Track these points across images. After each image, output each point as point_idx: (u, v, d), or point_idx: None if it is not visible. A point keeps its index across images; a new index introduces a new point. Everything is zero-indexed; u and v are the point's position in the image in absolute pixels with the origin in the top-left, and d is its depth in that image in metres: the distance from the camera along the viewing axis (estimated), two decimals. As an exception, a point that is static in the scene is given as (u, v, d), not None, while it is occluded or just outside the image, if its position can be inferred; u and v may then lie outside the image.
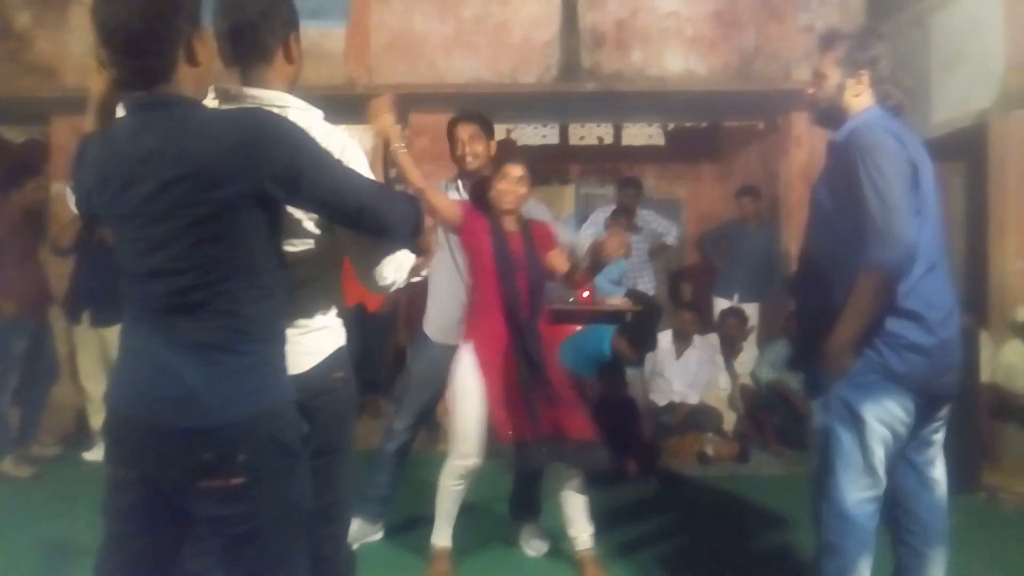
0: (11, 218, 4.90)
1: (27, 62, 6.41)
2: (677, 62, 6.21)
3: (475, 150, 3.56)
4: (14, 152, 6.69)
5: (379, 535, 3.74)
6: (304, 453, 1.68)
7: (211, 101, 1.81)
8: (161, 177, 1.53)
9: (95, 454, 4.90)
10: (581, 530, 3.31)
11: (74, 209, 1.82)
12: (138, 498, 1.61)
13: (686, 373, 5.62)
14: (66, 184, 1.87)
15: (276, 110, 1.71)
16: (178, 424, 1.54)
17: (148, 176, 1.54)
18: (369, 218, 1.69)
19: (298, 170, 1.58)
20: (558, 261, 3.34)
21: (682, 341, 5.66)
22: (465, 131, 3.60)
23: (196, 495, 1.57)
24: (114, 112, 1.77)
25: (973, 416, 5.01)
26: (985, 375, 5.41)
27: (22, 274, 4.80)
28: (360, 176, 1.72)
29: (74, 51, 6.37)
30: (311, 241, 1.77)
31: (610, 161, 8.05)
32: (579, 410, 3.28)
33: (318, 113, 1.81)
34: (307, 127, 1.70)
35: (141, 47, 1.56)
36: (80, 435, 5.47)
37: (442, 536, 3.32)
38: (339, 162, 1.69)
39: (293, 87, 1.84)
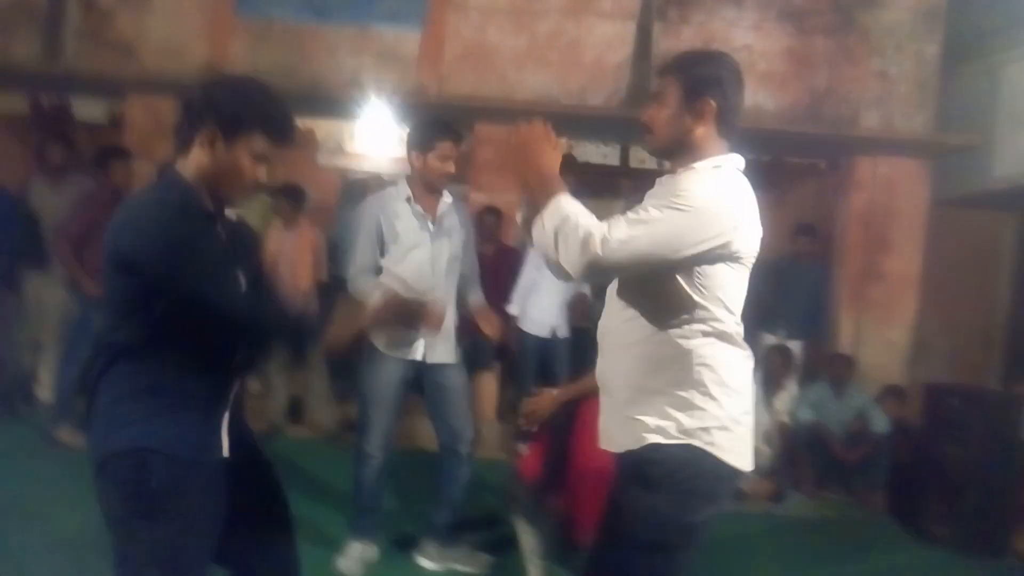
0: (98, 200, 5.04)
1: (107, 39, 6.53)
2: (746, 96, 6.21)
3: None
4: (96, 133, 6.82)
5: (375, 554, 3.73)
6: None
7: None
8: None
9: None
10: None
11: None
12: None
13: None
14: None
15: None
16: None
17: None
18: (245, 331, 1.90)
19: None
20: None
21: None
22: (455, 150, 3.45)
23: None
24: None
25: (1013, 478, 5.04)
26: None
27: None
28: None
29: (154, 33, 6.50)
30: None
31: (664, 181, 8.08)
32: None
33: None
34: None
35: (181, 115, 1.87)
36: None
37: None
38: None
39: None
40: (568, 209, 1.82)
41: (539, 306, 5.92)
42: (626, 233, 1.74)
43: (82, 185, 5.44)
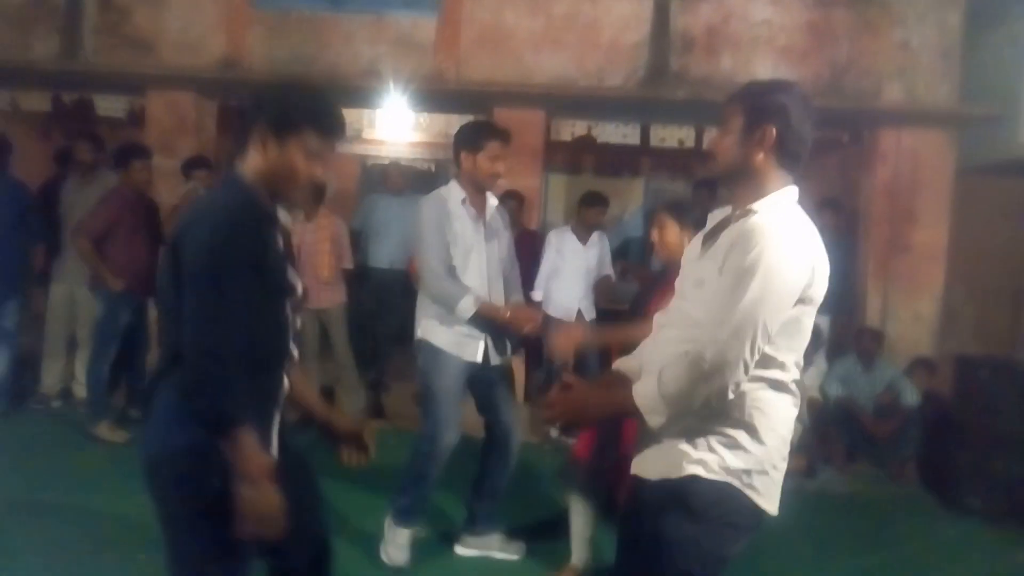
0: (118, 198, 5.10)
1: (125, 35, 6.57)
2: (767, 71, 6.17)
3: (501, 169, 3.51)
4: (117, 129, 6.87)
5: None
6: None
7: None
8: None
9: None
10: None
11: None
12: None
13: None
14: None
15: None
16: None
17: None
18: (194, 351, 1.76)
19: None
20: None
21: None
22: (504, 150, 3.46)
23: None
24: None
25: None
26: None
27: (130, 251, 5.01)
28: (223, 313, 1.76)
29: (171, 27, 6.53)
30: None
31: (684, 158, 8.03)
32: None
33: None
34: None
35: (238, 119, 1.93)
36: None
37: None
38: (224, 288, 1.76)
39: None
40: (648, 391, 1.84)
41: (563, 289, 5.93)
42: (724, 341, 1.76)
43: (110, 182, 5.50)
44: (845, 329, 6.44)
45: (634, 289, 5.52)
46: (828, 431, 5.78)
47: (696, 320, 1.86)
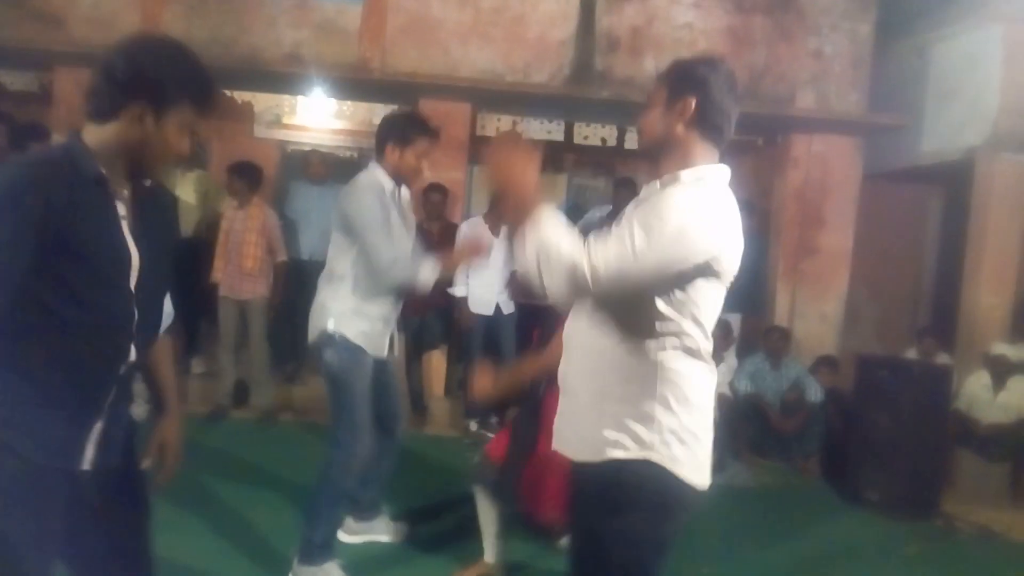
0: None
1: (33, 9, 6.27)
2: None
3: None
4: (15, 104, 6.54)
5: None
6: None
7: None
8: None
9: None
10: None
11: None
12: None
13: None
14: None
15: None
16: None
17: None
18: None
19: None
20: None
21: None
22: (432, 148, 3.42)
23: None
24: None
25: (938, 444, 5.31)
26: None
27: None
28: None
29: (82, 2, 6.26)
30: None
31: (607, 156, 8.14)
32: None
33: None
34: None
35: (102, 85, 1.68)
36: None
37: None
38: None
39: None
40: (547, 233, 1.77)
41: (482, 284, 5.94)
42: (615, 266, 1.72)
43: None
44: (755, 327, 6.66)
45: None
46: (736, 426, 5.97)
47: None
